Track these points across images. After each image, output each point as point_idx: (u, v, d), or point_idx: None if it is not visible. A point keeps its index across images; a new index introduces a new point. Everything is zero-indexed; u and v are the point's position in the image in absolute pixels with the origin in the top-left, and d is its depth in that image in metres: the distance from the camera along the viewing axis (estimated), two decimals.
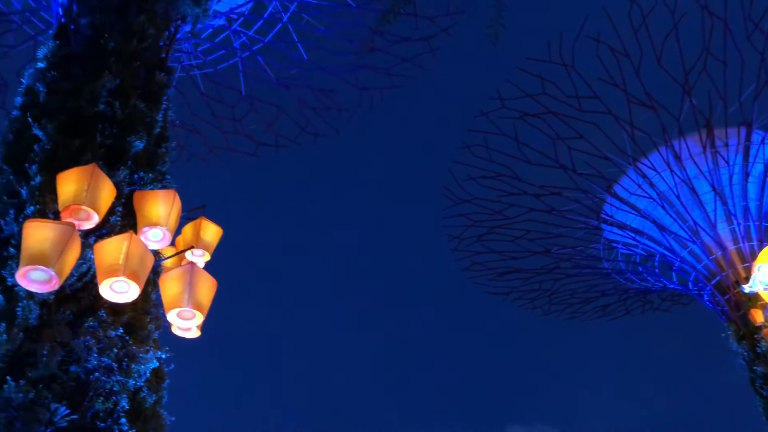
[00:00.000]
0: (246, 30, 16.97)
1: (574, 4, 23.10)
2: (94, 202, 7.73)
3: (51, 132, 9.13)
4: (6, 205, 8.57)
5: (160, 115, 10.68)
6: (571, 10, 21.40)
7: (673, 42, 20.27)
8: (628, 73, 20.76)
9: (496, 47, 5.13)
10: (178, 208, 8.62)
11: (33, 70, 10.39)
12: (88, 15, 11.47)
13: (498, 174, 23.20)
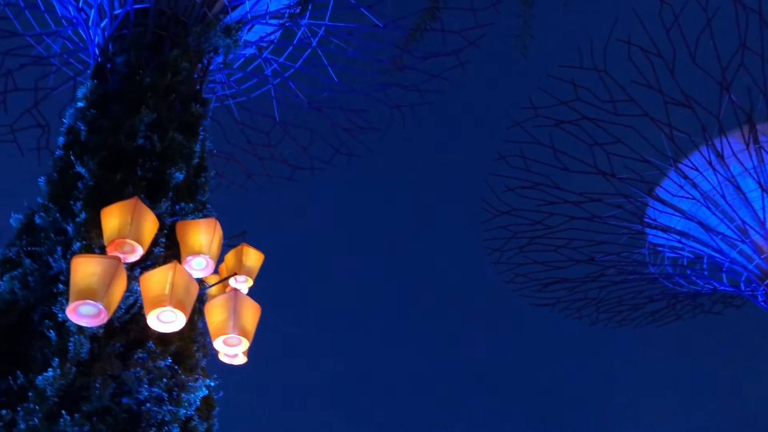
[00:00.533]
0: (277, 57, 17.21)
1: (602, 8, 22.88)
2: (138, 234, 7.86)
3: (93, 168, 9.35)
4: (53, 242, 8.78)
5: (198, 145, 10.87)
6: (600, 15, 21.19)
7: (708, 39, 19.90)
8: (662, 73, 20.43)
9: (525, 57, 5.09)
10: (220, 236, 8.72)
11: (73, 110, 10.69)
12: (123, 53, 11.79)
13: (536, 183, 22.96)
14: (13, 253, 8.94)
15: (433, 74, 18.12)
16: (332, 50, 17.38)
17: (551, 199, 23.25)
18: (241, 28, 14.00)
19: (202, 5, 13.30)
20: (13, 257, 8.89)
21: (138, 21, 12.51)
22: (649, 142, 21.69)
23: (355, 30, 16.85)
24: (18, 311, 8.21)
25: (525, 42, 5.12)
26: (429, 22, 5.15)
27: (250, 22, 14.74)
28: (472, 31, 17.37)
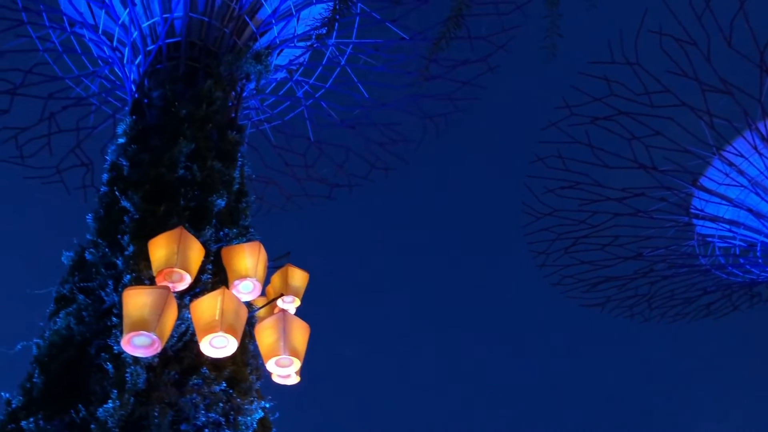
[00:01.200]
0: (307, 78, 17.42)
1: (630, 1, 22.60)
2: (185, 263, 8.01)
3: (137, 202, 9.58)
4: (104, 277, 9.01)
5: (237, 172, 11.07)
6: (628, 8, 20.90)
7: (742, 21, 19.44)
8: (698, 61, 20.03)
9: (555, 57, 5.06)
10: (264, 258, 8.84)
11: (115, 147, 10.99)
12: (158, 87, 12.09)
13: (577, 183, 22.67)
14: (67, 290, 9.21)
15: (463, 82, 18.10)
16: (361, 67, 17.52)
17: (593, 198, 22.91)
18: (271, 53, 14.22)
19: (232, 34, 13.57)
20: (66, 294, 9.15)
21: (170, 55, 12.82)
22: (689, 131, 21.25)
23: (382, 45, 16.96)
24: (75, 346, 8.43)
25: (554, 42, 5.08)
26: (454, 30, 5.15)
27: (279, 47, 14.97)
28: (499, 35, 17.32)
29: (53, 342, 8.48)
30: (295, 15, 15.08)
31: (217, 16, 13.49)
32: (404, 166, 20.80)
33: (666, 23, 19.51)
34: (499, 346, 49.75)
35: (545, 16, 5.02)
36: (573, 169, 22.47)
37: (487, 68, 17.82)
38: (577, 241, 24.36)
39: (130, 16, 13.46)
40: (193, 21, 13.21)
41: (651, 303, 26.58)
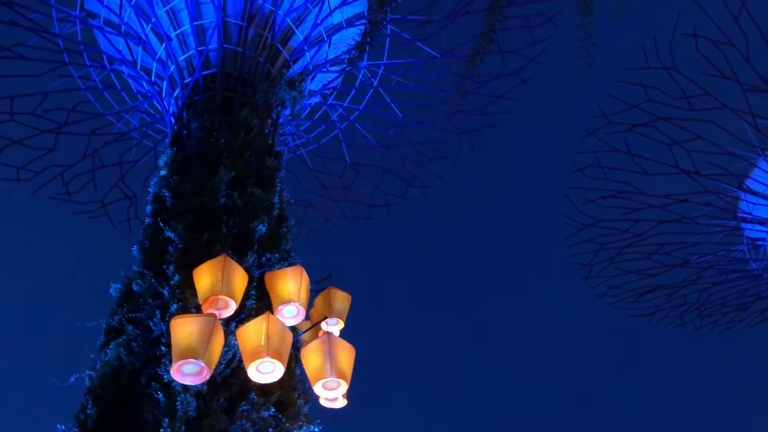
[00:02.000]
0: (341, 102, 17.60)
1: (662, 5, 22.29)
2: (230, 290, 8.11)
3: (181, 231, 9.76)
4: (152, 307, 9.18)
5: (276, 197, 11.21)
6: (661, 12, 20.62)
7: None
8: (736, 61, 19.59)
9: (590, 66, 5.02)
10: (307, 282, 8.89)
11: (157, 179, 11.24)
12: (197, 118, 12.35)
13: (618, 192, 22.29)
14: (116, 321, 9.40)
15: (496, 96, 18.04)
16: (393, 87, 17.62)
17: (636, 206, 22.48)
18: (305, 79, 14.42)
19: (266, 63, 13.80)
20: (116, 325, 9.34)
21: (207, 86, 13.09)
22: (732, 133, 20.74)
23: (413, 64, 17.04)
24: (126, 377, 8.58)
25: (588, 51, 5.04)
26: (487, 46, 5.15)
27: (312, 72, 15.16)
28: (530, 48, 17.26)
29: (105, 373, 8.65)
30: (327, 40, 15.29)
31: (250, 46, 13.75)
32: (441, 184, 20.77)
33: (700, 25, 19.16)
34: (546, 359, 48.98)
35: (579, 26, 4.98)
36: (613, 178, 22.10)
37: (520, 81, 17.75)
38: (621, 250, 23.89)
39: (166, 51, 13.81)
40: (227, 52, 13.50)
41: (702, 311, 25.87)
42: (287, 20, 14.49)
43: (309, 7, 14.82)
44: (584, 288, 25.46)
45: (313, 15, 14.85)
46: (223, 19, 13.61)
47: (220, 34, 13.43)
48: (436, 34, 16.41)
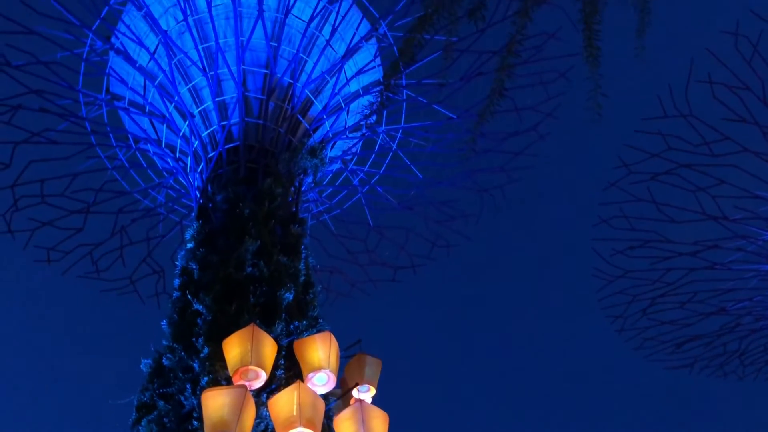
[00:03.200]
0: (361, 166, 17.83)
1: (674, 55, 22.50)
2: (260, 360, 8.07)
3: (209, 303, 9.80)
4: (182, 381, 9.14)
5: (302, 264, 11.26)
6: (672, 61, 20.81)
7: None
8: (753, 104, 19.60)
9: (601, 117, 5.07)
10: (336, 348, 8.82)
11: (184, 252, 11.38)
12: (221, 191, 12.57)
13: (645, 241, 22.03)
14: (147, 397, 9.36)
15: (515, 153, 18.16)
16: (412, 150, 17.84)
17: (665, 255, 22.15)
18: (325, 147, 14.68)
19: (287, 133, 14.10)
20: (147, 401, 9.30)
21: (230, 159, 13.38)
22: (757, 176, 20.55)
23: (431, 126, 17.30)
24: None
25: (598, 101, 5.10)
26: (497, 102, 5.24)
27: (332, 140, 15.44)
28: (545, 103, 17.45)
29: None
30: (345, 108, 15.62)
31: (271, 118, 14.09)
32: (466, 242, 20.72)
33: (715, 71, 19.29)
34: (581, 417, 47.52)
35: (587, 78, 5.05)
36: (639, 227, 21.89)
37: (537, 137, 17.88)
38: (653, 301, 23.42)
39: (190, 128, 14.19)
40: (249, 125, 13.83)
41: (743, 359, 25.08)
42: (306, 92, 14.87)
43: (326, 77, 15.22)
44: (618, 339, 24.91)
45: (330, 85, 15.23)
46: (244, 94, 14.01)
47: (242, 109, 13.80)
48: (451, 96, 16.70)
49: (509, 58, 4.87)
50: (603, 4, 4.66)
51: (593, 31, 4.63)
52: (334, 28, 15.15)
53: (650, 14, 4.58)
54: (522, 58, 5.50)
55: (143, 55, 15.07)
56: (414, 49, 4.87)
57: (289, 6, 14.79)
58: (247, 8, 14.68)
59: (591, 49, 4.68)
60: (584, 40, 4.68)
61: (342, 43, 15.51)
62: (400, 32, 15.90)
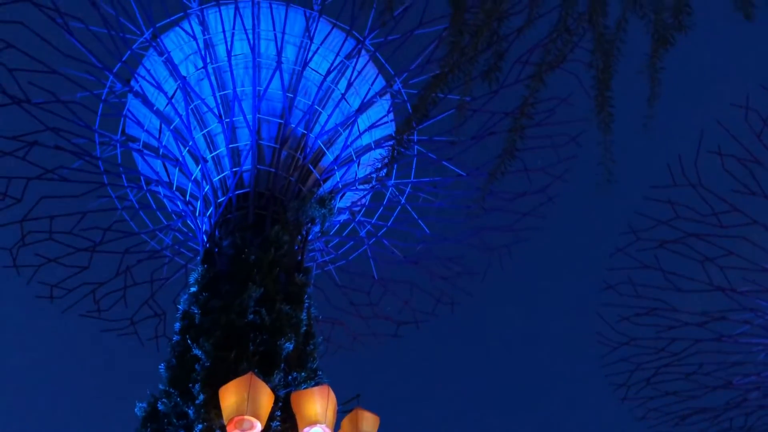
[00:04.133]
0: (369, 218, 17.88)
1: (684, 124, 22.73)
2: (256, 410, 7.94)
3: (208, 349, 9.70)
4: (176, 427, 8.98)
5: (304, 314, 11.17)
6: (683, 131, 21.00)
7: None
8: (762, 177, 19.67)
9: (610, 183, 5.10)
10: (334, 402, 8.69)
11: (187, 296, 11.33)
12: (228, 236, 12.59)
13: (652, 309, 21.81)
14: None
15: (523, 213, 18.19)
16: (421, 204, 17.90)
17: (671, 324, 21.88)
18: (334, 197, 14.76)
19: (297, 182, 14.21)
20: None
21: (239, 204, 13.44)
22: (765, 249, 20.45)
23: (440, 182, 17.40)
24: None
25: (608, 168, 5.13)
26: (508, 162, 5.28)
27: (341, 191, 15.53)
28: (556, 166, 17.56)
29: None
30: (356, 160, 15.76)
31: (283, 167, 14.22)
32: (470, 300, 20.57)
33: (725, 143, 19.43)
34: None
35: (599, 143, 5.10)
36: (646, 295, 21.70)
37: (546, 198, 17.93)
38: (658, 370, 23.03)
39: (202, 172, 14.32)
40: (260, 172, 13.95)
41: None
42: (318, 142, 15.04)
43: (339, 130, 15.41)
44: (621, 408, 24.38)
45: (343, 137, 15.41)
46: (258, 142, 14.18)
47: (254, 156, 13.94)
48: (462, 154, 16.85)
49: (521, 120, 4.93)
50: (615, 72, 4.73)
51: (606, 97, 4.70)
52: (350, 82, 15.42)
53: (661, 85, 4.65)
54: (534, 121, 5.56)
55: (161, 98, 15.34)
56: (428, 106, 4.94)
57: (307, 59, 15.09)
58: (266, 59, 15.00)
59: (603, 116, 4.73)
60: (596, 107, 4.74)
61: (356, 97, 15.76)
62: (415, 89, 16.17)
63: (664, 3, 4.40)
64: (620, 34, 4.51)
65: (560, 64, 4.76)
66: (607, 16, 4.55)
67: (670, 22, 4.30)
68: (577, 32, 4.66)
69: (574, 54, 5.08)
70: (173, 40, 15.38)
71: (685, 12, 4.25)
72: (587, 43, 4.88)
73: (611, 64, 4.56)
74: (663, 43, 4.34)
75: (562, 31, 4.68)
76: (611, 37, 4.55)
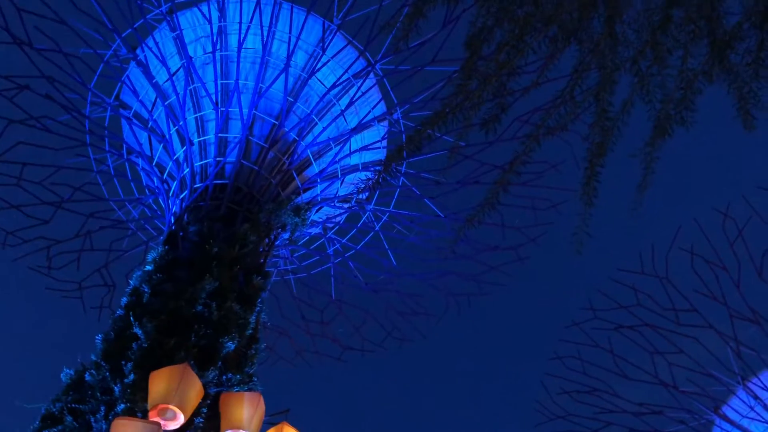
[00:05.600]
0: (340, 237, 17.81)
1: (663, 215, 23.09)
2: (182, 402, 7.75)
3: (149, 331, 9.50)
4: (99, 401, 8.74)
5: (253, 317, 11.01)
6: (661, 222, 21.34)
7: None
8: (727, 286, 19.98)
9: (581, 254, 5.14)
10: (262, 411, 8.52)
11: (140, 273, 11.12)
12: (197, 223, 12.43)
13: (594, 389, 21.89)
14: (57, 408, 8.91)
15: (491, 266, 18.26)
16: (394, 235, 17.89)
17: (609, 407, 21.97)
18: (310, 209, 14.69)
19: (277, 186, 14.13)
20: (55, 413, 8.84)
21: (215, 195, 13.31)
22: (715, 355, 20.72)
23: (418, 218, 17.43)
24: None
25: (581, 239, 5.17)
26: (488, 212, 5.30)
27: (319, 204, 15.47)
28: (532, 228, 17.71)
29: None
30: (340, 178, 15.74)
31: (267, 167, 14.14)
32: (420, 340, 20.50)
33: (698, 244, 19.76)
34: None
35: (578, 214, 5.14)
36: (591, 373, 21.80)
37: (516, 257, 18.04)
38: None
39: (186, 154, 14.19)
40: (243, 167, 13.85)
41: None
42: (308, 152, 15.01)
43: (331, 144, 15.41)
44: None
45: (332, 152, 15.40)
46: (248, 137, 14.11)
47: (241, 150, 13.86)
48: (445, 196, 16.93)
49: (509, 174, 4.96)
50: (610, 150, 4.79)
51: (595, 172, 4.75)
52: (352, 100, 15.46)
53: (653, 174, 4.72)
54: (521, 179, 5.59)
55: (162, 73, 15.23)
56: (422, 140, 4.95)
57: (315, 69, 15.12)
58: (275, 59, 15.00)
59: (588, 188, 4.78)
60: (584, 178, 4.79)
61: (355, 117, 15.80)
62: (413, 122, 16.26)
63: (671, 95, 4.49)
64: (624, 115, 4.59)
65: (559, 131, 4.81)
66: (614, 94, 4.63)
67: (673, 115, 4.39)
68: (582, 104, 4.72)
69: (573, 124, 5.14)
70: (188, 19, 15.34)
71: (690, 108, 4.34)
72: (588, 117, 4.95)
73: (608, 142, 4.62)
74: (662, 133, 4.42)
75: (568, 100, 4.74)
76: (614, 116, 4.62)
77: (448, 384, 49.95)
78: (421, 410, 48.81)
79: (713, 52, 4.30)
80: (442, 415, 48.49)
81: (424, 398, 49.30)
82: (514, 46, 4.52)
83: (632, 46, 4.60)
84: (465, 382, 49.39)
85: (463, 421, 48.62)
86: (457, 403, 49.60)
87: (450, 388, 50.03)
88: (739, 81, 4.31)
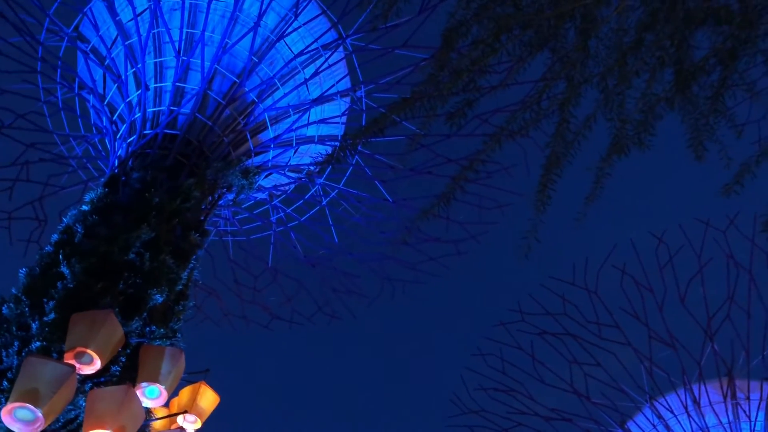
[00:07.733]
0: (285, 207, 17.66)
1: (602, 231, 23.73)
2: (101, 348, 7.58)
3: (77, 272, 9.24)
4: (13, 336, 8.46)
5: (186, 273, 10.83)
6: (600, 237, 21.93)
7: (698, 285, 20.42)
8: (650, 307, 20.74)
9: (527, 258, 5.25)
10: (181, 368, 8.40)
11: (76, 212, 10.78)
12: (141, 170, 12.12)
13: (510, 389, 22.46)
14: None
15: (430, 257, 18.44)
16: (340, 212, 17.86)
17: (522, 409, 22.59)
18: (259, 173, 14.50)
19: (229, 144, 13.88)
20: None
21: (163, 144, 12.99)
22: (629, 372, 21.51)
23: (366, 199, 17.42)
24: None
25: (530, 244, 5.28)
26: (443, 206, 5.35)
27: (269, 170, 15.29)
28: (475, 225, 17.94)
29: None
30: (294, 147, 15.58)
31: (221, 125, 13.87)
32: (351, 319, 20.59)
33: (630, 264, 20.42)
34: None
35: (529, 219, 5.23)
36: (510, 374, 22.36)
37: (455, 251, 18.27)
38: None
39: (139, 98, 13.79)
40: (196, 120, 13.55)
41: None
42: (265, 115, 14.79)
43: (290, 111, 15.21)
44: None
45: (290, 120, 15.21)
46: (206, 90, 13.80)
47: (197, 103, 13.55)
48: (396, 181, 16.96)
49: (468, 172, 5.00)
50: (566, 162, 4.88)
51: (550, 180, 4.83)
52: (317, 71, 15.29)
53: (602, 189, 4.83)
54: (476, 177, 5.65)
55: (127, 12, 14.72)
56: (386, 123, 4.93)
57: (285, 33, 14.87)
58: (246, 17, 14.67)
59: (542, 195, 4.87)
60: (539, 185, 4.87)
61: (318, 88, 15.63)
62: (376, 103, 16.20)
63: (630, 116, 4.60)
64: (585, 130, 4.68)
65: (520, 135, 4.87)
66: (579, 106, 4.71)
67: (632, 135, 4.50)
68: (547, 112, 4.79)
69: (534, 130, 5.21)
70: None
71: (649, 132, 4.45)
72: (550, 126, 5.02)
73: (568, 153, 4.71)
74: (618, 151, 4.53)
75: (533, 106, 4.80)
76: (576, 129, 4.71)
77: (373, 366, 50.38)
78: (342, 387, 49.07)
79: (678, 80, 4.42)
80: (364, 396, 48.93)
81: (346, 374, 49.58)
82: (490, 45, 4.54)
83: (602, 63, 4.68)
84: (390, 366, 49.90)
85: (376, 404, 49.19)
86: (379, 388, 50.11)
87: (373, 369, 50.48)
88: (697, 113, 4.45)
